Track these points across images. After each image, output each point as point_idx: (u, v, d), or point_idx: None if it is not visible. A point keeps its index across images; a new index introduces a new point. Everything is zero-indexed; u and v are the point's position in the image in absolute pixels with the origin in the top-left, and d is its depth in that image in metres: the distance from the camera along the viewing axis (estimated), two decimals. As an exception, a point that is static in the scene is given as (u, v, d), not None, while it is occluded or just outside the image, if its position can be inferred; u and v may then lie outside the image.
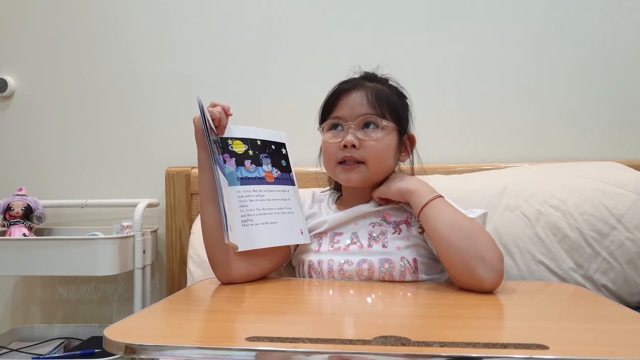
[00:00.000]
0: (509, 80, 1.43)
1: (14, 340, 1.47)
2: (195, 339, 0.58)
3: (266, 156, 0.90)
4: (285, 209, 0.91)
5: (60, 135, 1.54)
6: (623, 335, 0.58)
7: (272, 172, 0.91)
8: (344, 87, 0.95)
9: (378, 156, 0.92)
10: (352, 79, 0.98)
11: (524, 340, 0.52)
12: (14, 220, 1.35)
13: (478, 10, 1.43)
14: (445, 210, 0.85)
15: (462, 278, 0.80)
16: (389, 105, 0.94)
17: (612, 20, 1.40)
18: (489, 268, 0.77)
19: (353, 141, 0.90)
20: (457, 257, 0.80)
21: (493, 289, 0.78)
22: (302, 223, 0.94)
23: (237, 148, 0.87)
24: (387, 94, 0.95)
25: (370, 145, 0.91)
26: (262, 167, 0.89)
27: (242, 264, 0.88)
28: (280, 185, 0.92)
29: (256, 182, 0.87)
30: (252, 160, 0.88)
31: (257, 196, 0.86)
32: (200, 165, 0.88)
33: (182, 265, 1.41)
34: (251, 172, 0.87)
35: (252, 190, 0.86)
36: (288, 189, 0.93)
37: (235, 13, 1.50)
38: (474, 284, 0.78)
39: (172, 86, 1.51)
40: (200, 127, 0.86)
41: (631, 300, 1.04)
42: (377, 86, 0.95)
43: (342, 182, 0.98)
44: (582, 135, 1.40)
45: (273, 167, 0.91)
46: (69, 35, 1.54)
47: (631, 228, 1.04)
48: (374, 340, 0.52)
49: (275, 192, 0.90)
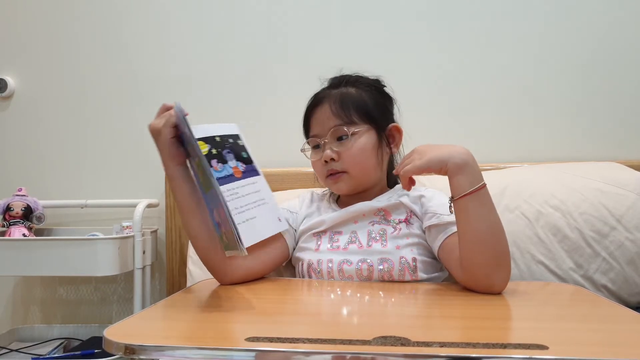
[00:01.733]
0: (509, 80, 1.43)
1: (13, 340, 1.47)
2: (195, 340, 0.58)
3: (228, 151, 0.86)
4: (259, 201, 0.87)
5: (60, 135, 1.55)
6: (623, 335, 0.58)
7: (238, 166, 0.86)
8: (312, 104, 0.98)
9: (356, 162, 0.93)
10: (319, 92, 0.99)
11: (524, 340, 0.52)
12: (13, 221, 1.35)
13: (478, 11, 1.43)
14: (489, 203, 0.78)
15: (475, 278, 0.78)
16: (356, 107, 0.94)
17: (612, 20, 1.40)
18: (505, 274, 0.77)
19: (331, 155, 0.93)
20: (480, 257, 0.77)
21: (499, 292, 0.78)
22: (277, 210, 0.90)
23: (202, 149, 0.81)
24: (353, 95, 0.95)
25: (346, 155, 0.93)
26: (228, 164, 0.85)
27: (240, 265, 0.88)
28: (249, 178, 0.88)
29: (227, 181, 0.83)
30: (218, 159, 0.83)
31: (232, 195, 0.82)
32: (170, 178, 0.83)
33: (182, 265, 1.41)
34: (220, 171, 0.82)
35: (225, 190, 0.81)
36: (256, 180, 0.89)
37: (235, 13, 1.50)
38: (484, 286, 0.77)
39: (172, 86, 1.51)
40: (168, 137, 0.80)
41: (631, 301, 1.04)
42: (342, 91, 0.96)
43: (335, 192, 1.02)
44: (582, 135, 1.40)
45: (237, 161, 0.87)
46: (69, 36, 1.54)
47: (631, 228, 1.04)
48: (373, 341, 0.52)
49: (246, 186, 0.86)
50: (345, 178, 0.94)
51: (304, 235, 0.99)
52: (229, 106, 1.50)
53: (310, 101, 0.99)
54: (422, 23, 1.45)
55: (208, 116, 1.45)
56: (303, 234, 0.99)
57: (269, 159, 1.44)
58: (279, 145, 1.38)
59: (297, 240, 1.00)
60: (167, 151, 0.81)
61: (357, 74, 1.00)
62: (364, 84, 0.98)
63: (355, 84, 0.98)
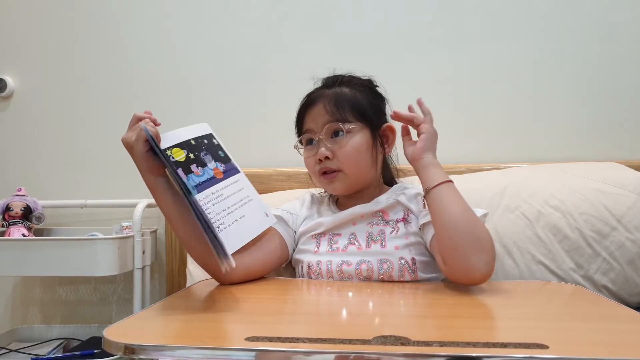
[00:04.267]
0: (509, 80, 1.43)
1: (13, 340, 1.47)
2: (195, 339, 0.58)
3: (205, 153, 0.85)
4: (244, 199, 0.87)
5: (60, 136, 1.55)
6: (623, 335, 0.58)
7: (218, 167, 0.86)
8: (306, 102, 0.97)
9: (351, 161, 0.93)
10: (313, 91, 0.99)
11: (524, 340, 0.52)
12: (13, 221, 1.35)
13: (478, 11, 1.44)
14: (457, 194, 0.84)
15: (454, 264, 0.78)
16: (351, 106, 0.93)
17: (613, 21, 1.40)
18: (484, 260, 0.76)
19: (325, 153, 0.92)
20: (457, 240, 0.78)
21: (482, 282, 0.78)
22: (262, 205, 0.90)
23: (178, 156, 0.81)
24: (347, 95, 0.95)
25: (341, 153, 0.92)
26: (208, 167, 0.84)
27: (239, 265, 0.87)
28: (230, 178, 0.87)
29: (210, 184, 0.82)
30: (197, 163, 0.83)
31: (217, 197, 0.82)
32: (151, 190, 0.82)
33: (181, 265, 1.41)
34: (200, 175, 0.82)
35: (210, 193, 0.81)
36: (237, 177, 0.88)
37: (235, 13, 1.50)
38: (465, 271, 0.77)
39: (171, 86, 1.51)
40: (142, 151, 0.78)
41: (631, 301, 1.04)
42: (336, 90, 0.95)
43: (330, 192, 1.00)
44: (582, 135, 1.40)
45: (216, 162, 0.87)
46: (69, 36, 1.54)
47: (631, 228, 1.04)
48: (373, 340, 0.52)
49: (229, 186, 0.85)
50: (340, 177, 0.94)
51: (303, 237, 0.98)
52: (228, 106, 1.50)
53: (303, 100, 0.99)
54: (422, 23, 1.45)
55: (207, 116, 1.43)
56: (302, 236, 0.99)
57: (269, 159, 1.45)
58: (278, 145, 1.37)
59: (297, 242, 1.00)
60: (144, 165, 0.80)
61: (350, 74, 1.00)
62: (358, 84, 0.98)
63: (349, 84, 0.98)
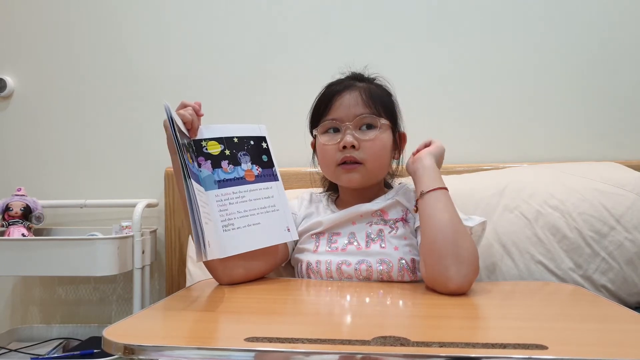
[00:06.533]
0: (508, 80, 1.43)
1: (12, 340, 1.46)
2: (194, 340, 0.58)
3: (244, 154, 0.86)
4: (269, 207, 0.87)
5: (60, 135, 1.54)
6: (622, 335, 0.58)
7: (253, 169, 0.86)
8: (336, 89, 0.94)
9: (376, 156, 0.92)
10: (341, 80, 0.98)
11: (523, 340, 0.52)
12: (12, 221, 1.35)
13: (478, 11, 1.43)
14: (449, 202, 0.84)
15: (433, 270, 0.78)
16: (383, 103, 0.94)
17: (612, 21, 1.40)
18: (462, 272, 0.76)
19: (353, 142, 0.90)
20: (439, 247, 0.78)
21: (456, 293, 0.76)
22: (288, 220, 0.90)
23: (212, 149, 0.82)
24: (379, 92, 0.96)
25: (369, 145, 0.91)
26: (240, 167, 0.85)
27: (240, 265, 0.88)
28: (262, 183, 0.88)
29: (235, 183, 0.83)
30: (230, 160, 0.84)
31: (237, 198, 0.82)
32: (175, 172, 0.83)
33: (181, 265, 1.41)
34: (229, 173, 0.83)
35: (231, 192, 0.82)
36: (271, 185, 0.89)
37: (234, 13, 1.50)
38: (442, 280, 0.76)
39: (171, 86, 1.51)
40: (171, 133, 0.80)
41: (630, 301, 1.04)
42: (368, 85, 0.96)
43: (343, 184, 0.98)
44: (582, 135, 1.40)
45: (253, 164, 0.87)
46: (69, 36, 1.54)
47: (630, 228, 1.04)
48: (373, 341, 0.52)
49: (257, 191, 0.86)
50: (361, 170, 0.92)
51: (302, 236, 0.98)
52: (228, 106, 1.50)
53: (331, 86, 0.96)
54: (422, 23, 1.45)
55: (207, 116, 1.44)
56: (302, 235, 0.98)
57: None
58: (278, 145, 1.36)
59: (296, 241, 1.00)
60: (171, 146, 0.82)
61: (377, 75, 1.00)
62: (382, 85, 0.99)
63: (375, 83, 0.99)
